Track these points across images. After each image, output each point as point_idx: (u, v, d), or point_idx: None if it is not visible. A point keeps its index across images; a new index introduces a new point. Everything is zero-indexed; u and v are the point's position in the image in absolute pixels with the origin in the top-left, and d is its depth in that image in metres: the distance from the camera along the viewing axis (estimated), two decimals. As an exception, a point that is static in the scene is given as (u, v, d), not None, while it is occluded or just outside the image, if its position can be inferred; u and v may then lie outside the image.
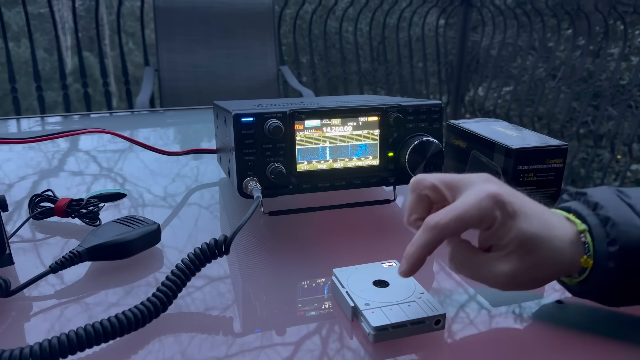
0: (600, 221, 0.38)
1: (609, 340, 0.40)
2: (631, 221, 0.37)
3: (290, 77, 2.33)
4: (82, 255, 0.47)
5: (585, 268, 0.38)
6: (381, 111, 0.58)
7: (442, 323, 0.40)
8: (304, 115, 0.56)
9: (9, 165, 0.83)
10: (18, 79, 2.30)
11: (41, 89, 2.32)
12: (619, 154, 2.65)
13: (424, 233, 0.38)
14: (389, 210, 0.66)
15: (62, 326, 0.41)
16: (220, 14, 2.23)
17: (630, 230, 0.37)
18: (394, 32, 3.12)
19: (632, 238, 0.36)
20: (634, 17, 2.68)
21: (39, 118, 1.25)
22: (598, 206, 0.39)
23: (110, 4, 4.99)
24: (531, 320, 0.42)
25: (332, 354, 0.38)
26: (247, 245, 0.56)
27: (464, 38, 3.29)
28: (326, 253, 0.54)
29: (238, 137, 0.53)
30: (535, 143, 0.57)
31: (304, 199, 0.62)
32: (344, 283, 0.44)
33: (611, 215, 0.37)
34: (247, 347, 0.39)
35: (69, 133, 0.70)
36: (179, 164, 0.84)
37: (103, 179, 0.78)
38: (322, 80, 3.13)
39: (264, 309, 0.45)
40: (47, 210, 0.59)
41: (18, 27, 4.58)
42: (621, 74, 2.94)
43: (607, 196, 0.39)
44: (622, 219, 0.37)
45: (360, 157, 0.59)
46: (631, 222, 0.37)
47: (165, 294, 0.40)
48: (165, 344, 0.39)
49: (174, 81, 2.21)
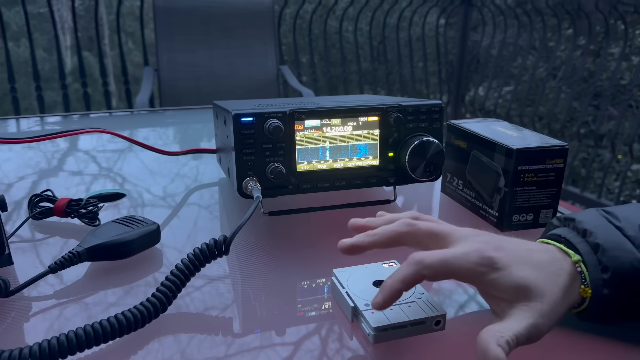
0: (592, 248, 0.38)
1: (609, 340, 0.40)
2: (621, 246, 0.37)
3: (290, 76, 2.33)
4: (81, 255, 0.47)
5: (585, 298, 0.38)
6: (381, 111, 0.58)
7: (442, 324, 0.40)
8: (303, 115, 0.55)
9: (9, 165, 0.83)
10: (17, 79, 2.30)
11: (40, 88, 2.32)
12: (620, 154, 2.65)
13: (406, 267, 0.37)
14: (389, 210, 0.65)
15: (62, 326, 0.41)
16: (220, 14, 2.23)
17: (621, 255, 0.37)
18: (394, 31, 3.12)
19: (623, 262, 0.37)
20: (634, 17, 2.68)
21: (39, 118, 1.25)
22: (587, 233, 0.39)
23: (109, 4, 4.99)
24: (531, 320, 0.42)
25: (331, 355, 0.38)
26: (246, 246, 0.56)
27: (465, 38, 3.29)
28: (326, 253, 0.54)
29: (238, 137, 0.53)
30: (535, 143, 0.57)
31: (304, 199, 0.62)
32: (343, 283, 0.44)
33: (600, 242, 0.38)
34: (246, 347, 0.39)
35: (69, 133, 0.70)
36: (179, 164, 0.84)
37: (102, 179, 0.78)
38: (322, 80, 3.13)
39: (264, 309, 0.45)
40: (46, 210, 0.59)
41: (17, 26, 4.58)
42: (622, 73, 2.95)
43: (596, 222, 0.39)
44: (612, 244, 0.37)
45: (360, 157, 0.59)
46: (621, 246, 0.37)
47: (164, 294, 0.40)
48: (164, 344, 0.39)
49: (173, 81, 2.21)
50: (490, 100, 3.26)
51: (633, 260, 0.37)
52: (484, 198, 0.61)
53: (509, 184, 0.57)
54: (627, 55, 2.83)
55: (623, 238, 0.38)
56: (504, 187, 0.57)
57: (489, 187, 0.60)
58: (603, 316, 0.39)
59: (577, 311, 0.39)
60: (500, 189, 0.58)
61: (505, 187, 0.57)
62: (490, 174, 0.59)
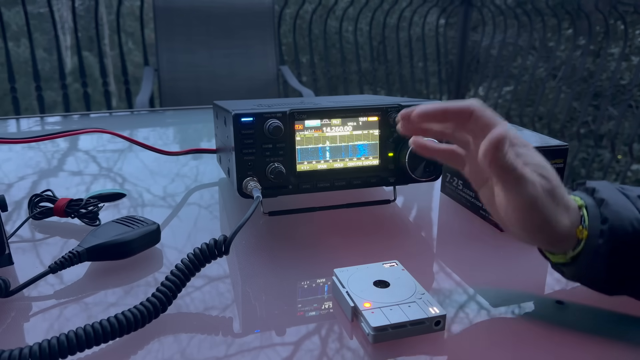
0: (596, 202, 0.40)
1: (609, 340, 0.40)
2: (625, 204, 0.39)
3: (290, 77, 2.33)
4: (81, 255, 0.47)
5: (580, 240, 0.39)
6: (381, 111, 0.58)
7: (442, 324, 0.40)
8: (304, 115, 0.55)
9: (9, 165, 0.83)
10: (17, 79, 2.30)
11: (41, 88, 2.32)
12: (620, 154, 2.65)
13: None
14: (389, 210, 0.66)
15: (62, 326, 0.41)
16: (220, 14, 2.23)
17: (622, 211, 0.38)
18: (394, 31, 3.12)
19: (623, 219, 0.38)
20: (634, 17, 2.68)
21: (39, 118, 1.25)
22: (595, 191, 0.41)
23: (109, 4, 4.99)
24: (531, 320, 0.42)
25: (331, 354, 0.38)
26: (247, 246, 0.56)
27: (464, 38, 3.29)
28: (326, 253, 0.54)
29: (238, 137, 0.53)
30: (535, 143, 0.57)
31: (304, 199, 0.62)
32: (344, 283, 0.44)
33: (605, 197, 0.39)
34: (246, 347, 0.39)
35: (69, 133, 0.70)
36: (179, 164, 0.84)
37: (102, 179, 0.78)
38: (322, 80, 3.13)
39: (264, 309, 0.45)
40: (46, 210, 0.59)
41: (18, 26, 4.58)
42: (622, 73, 2.94)
43: (604, 184, 0.41)
44: (615, 201, 0.39)
45: (360, 157, 0.59)
46: (624, 205, 0.39)
47: (164, 294, 0.40)
48: (164, 344, 0.39)
49: (173, 81, 2.20)
50: (490, 100, 3.26)
51: (633, 220, 0.38)
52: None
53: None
54: (627, 56, 2.82)
55: (627, 200, 0.39)
56: (504, 187, 0.57)
57: (489, 187, 0.60)
58: (590, 268, 0.39)
59: (570, 256, 0.40)
60: (500, 189, 0.58)
61: (505, 187, 0.57)
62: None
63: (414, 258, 0.54)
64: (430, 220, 0.68)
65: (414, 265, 0.47)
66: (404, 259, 0.48)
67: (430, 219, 0.68)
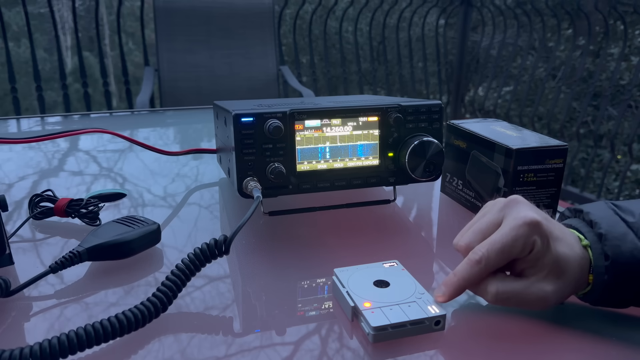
0: (597, 237, 0.40)
1: (609, 340, 0.40)
2: (624, 236, 0.39)
3: (290, 77, 2.33)
4: (82, 255, 0.47)
5: (589, 282, 0.41)
6: (381, 111, 0.58)
7: (442, 324, 0.40)
8: (304, 115, 0.55)
9: (9, 165, 0.83)
10: (18, 79, 2.30)
11: (41, 89, 2.32)
12: (619, 154, 2.65)
13: (469, 267, 0.39)
14: (389, 210, 0.66)
15: (62, 326, 0.41)
16: (220, 14, 2.23)
17: (622, 244, 0.39)
18: (394, 32, 3.12)
19: (623, 251, 0.39)
20: (634, 17, 2.68)
21: (39, 118, 1.25)
22: (594, 224, 0.41)
23: (110, 4, 4.99)
24: (531, 320, 0.42)
25: (331, 354, 0.38)
26: (247, 245, 0.56)
27: (464, 38, 3.29)
28: (326, 253, 0.54)
29: (238, 137, 0.53)
30: (535, 143, 0.57)
31: (304, 199, 0.62)
32: (344, 283, 0.44)
33: (604, 232, 0.40)
34: (247, 347, 0.39)
35: (69, 133, 0.70)
36: (179, 164, 0.84)
37: (103, 179, 0.78)
38: (322, 80, 3.13)
39: (264, 309, 0.45)
40: (47, 210, 0.59)
41: (18, 27, 4.58)
42: (621, 74, 2.94)
43: (602, 213, 0.42)
44: (614, 234, 0.40)
45: (360, 157, 0.59)
46: (624, 236, 0.39)
47: (165, 294, 0.40)
48: (165, 344, 0.39)
49: (174, 81, 2.21)
50: (489, 100, 3.26)
51: (633, 250, 0.39)
52: (484, 198, 0.61)
53: (509, 184, 0.57)
54: (626, 56, 2.83)
55: (627, 228, 0.40)
56: (504, 187, 0.57)
57: (489, 187, 0.60)
58: (604, 300, 0.41)
59: (582, 293, 0.42)
60: (500, 189, 0.58)
61: (505, 187, 0.57)
62: (490, 174, 0.59)
63: (414, 258, 0.54)
64: (430, 220, 0.68)
65: (414, 265, 0.47)
66: (404, 258, 0.48)
67: (430, 218, 0.68)
